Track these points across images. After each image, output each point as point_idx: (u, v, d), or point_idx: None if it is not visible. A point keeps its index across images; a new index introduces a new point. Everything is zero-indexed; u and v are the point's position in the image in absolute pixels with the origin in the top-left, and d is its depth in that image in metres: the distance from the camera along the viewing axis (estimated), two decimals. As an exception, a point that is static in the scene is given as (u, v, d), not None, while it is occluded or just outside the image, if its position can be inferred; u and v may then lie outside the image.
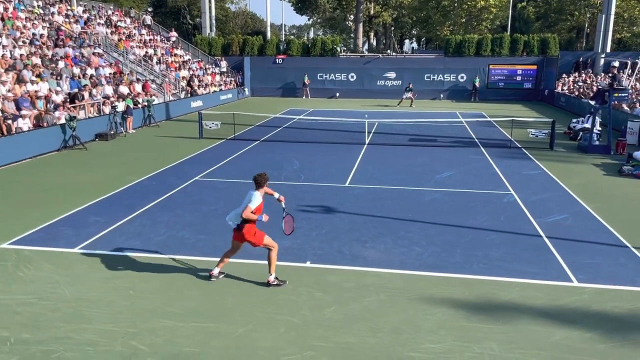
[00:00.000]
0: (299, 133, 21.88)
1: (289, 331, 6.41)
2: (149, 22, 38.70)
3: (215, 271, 7.76)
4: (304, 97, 39.11)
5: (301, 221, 10.21)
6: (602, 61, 34.78)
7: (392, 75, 39.19)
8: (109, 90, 23.08)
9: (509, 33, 41.98)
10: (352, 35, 65.14)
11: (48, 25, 26.83)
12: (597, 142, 18.56)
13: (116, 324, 6.53)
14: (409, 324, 6.58)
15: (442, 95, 38.06)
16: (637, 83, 28.00)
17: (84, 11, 32.41)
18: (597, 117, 19.05)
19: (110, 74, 25.34)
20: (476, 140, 20.56)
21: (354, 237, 9.65)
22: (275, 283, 7.55)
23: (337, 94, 39.53)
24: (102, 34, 30.15)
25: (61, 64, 22.58)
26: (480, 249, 9.08)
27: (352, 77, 39.71)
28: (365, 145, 19.09)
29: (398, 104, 33.74)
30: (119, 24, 34.18)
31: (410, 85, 34.45)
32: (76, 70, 22.88)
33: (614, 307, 7.04)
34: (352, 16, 62.60)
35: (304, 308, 6.96)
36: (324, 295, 7.31)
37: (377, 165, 15.80)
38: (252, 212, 7.05)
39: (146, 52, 32.10)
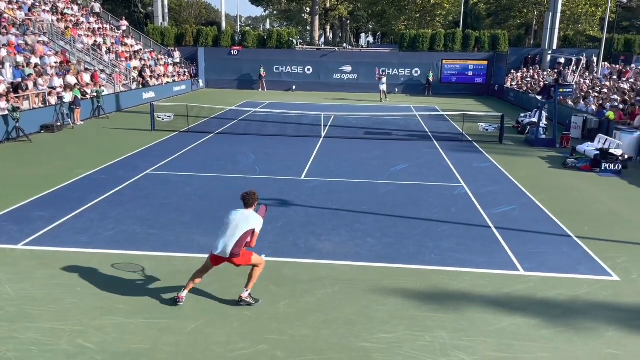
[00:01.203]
0: (255, 126, 21.69)
1: (243, 325, 6.36)
2: (97, 10, 37.32)
3: (184, 294, 6.84)
4: (260, 90, 38.79)
5: (256, 214, 10.13)
6: (549, 57, 36.02)
7: (348, 68, 39.41)
8: (55, 80, 22.16)
9: (461, 29, 42.89)
10: (308, 28, 65.03)
11: (-12, 11, 25.51)
12: (543, 136, 19.28)
13: (62, 322, 6.30)
14: (362, 315, 6.65)
15: (397, 90, 38.55)
16: (581, 79, 29.20)
17: (28, -3, 30.94)
18: (543, 112, 19.75)
19: (56, 63, 24.33)
20: (429, 133, 20.95)
21: (309, 230, 9.67)
22: (248, 300, 6.81)
23: (294, 87, 39.40)
24: (47, 22, 28.85)
25: (3, 52, 21.50)
26: (432, 240, 9.28)
27: (309, 70, 39.67)
28: (322, 139, 19.13)
29: (383, 100, 33.02)
30: (65, 11, 32.82)
31: (384, 74, 34.82)
32: (20, 59, 21.84)
33: (557, 294, 7.34)
34: (308, 9, 62.44)
35: (258, 302, 6.92)
36: (278, 289, 7.29)
37: (333, 158, 15.86)
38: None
39: (95, 41, 30.98)
